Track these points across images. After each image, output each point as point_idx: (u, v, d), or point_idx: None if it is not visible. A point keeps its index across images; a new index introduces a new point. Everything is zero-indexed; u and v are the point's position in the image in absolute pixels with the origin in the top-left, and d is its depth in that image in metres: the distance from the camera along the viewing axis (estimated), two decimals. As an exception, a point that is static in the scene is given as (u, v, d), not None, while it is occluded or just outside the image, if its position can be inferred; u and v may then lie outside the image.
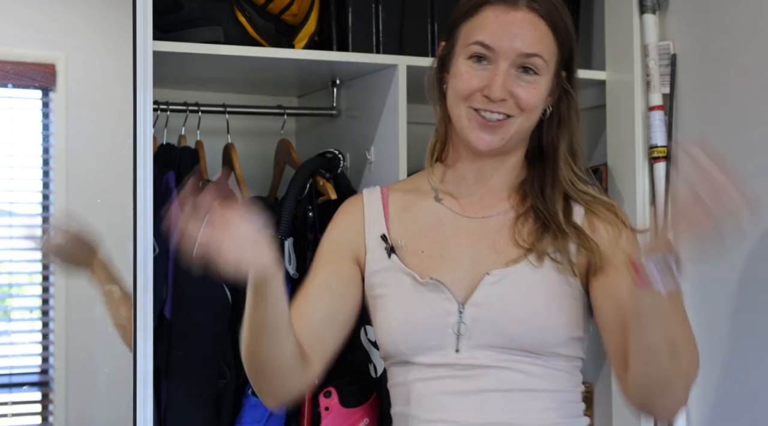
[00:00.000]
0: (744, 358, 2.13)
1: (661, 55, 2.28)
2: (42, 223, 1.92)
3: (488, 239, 1.63)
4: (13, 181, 1.89)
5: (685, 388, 1.54)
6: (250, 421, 1.99)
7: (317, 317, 1.61)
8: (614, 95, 2.37)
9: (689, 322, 1.53)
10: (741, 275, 2.14)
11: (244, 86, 2.45)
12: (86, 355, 1.87)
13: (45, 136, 1.92)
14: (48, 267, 1.92)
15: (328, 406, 2.00)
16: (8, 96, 1.88)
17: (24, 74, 1.87)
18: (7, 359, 1.90)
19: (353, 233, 1.67)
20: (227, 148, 2.27)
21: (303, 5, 2.21)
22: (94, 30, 1.91)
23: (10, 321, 1.93)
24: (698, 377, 2.17)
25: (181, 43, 1.99)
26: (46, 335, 1.93)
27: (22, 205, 1.93)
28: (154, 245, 1.92)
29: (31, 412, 1.94)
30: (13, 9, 1.85)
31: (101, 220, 1.90)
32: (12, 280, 1.93)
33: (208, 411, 1.95)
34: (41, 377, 1.93)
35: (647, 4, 2.28)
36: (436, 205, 1.67)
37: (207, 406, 1.94)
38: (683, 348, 1.50)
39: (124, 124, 1.87)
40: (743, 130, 2.14)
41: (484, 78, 1.58)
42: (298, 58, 2.13)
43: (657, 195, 2.28)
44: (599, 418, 2.47)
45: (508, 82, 1.57)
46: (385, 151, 2.17)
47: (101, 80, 1.92)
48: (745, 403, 2.12)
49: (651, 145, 2.28)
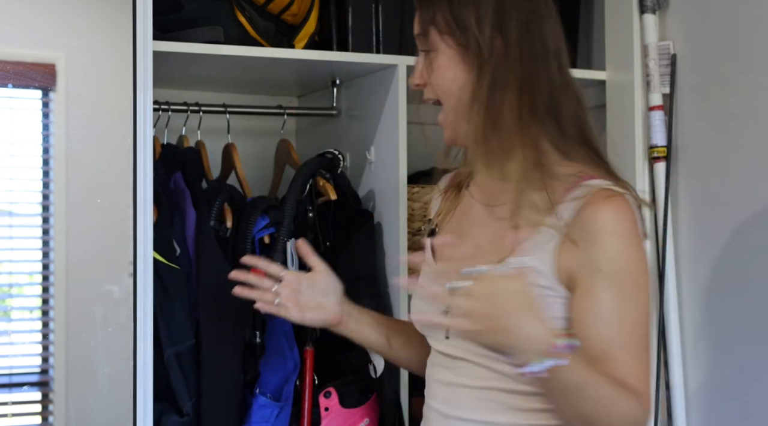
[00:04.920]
0: (744, 357, 2.13)
1: (661, 55, 2.28)
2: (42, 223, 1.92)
3: (492, 229, 1.59)
4: (13, 181, 1.89)
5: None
6: (258, 420, 1.99)
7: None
8: (614, 95, 2.37)
9: (606, 393, 1.39)
10: (741, 275, 2.14)
11: (244, 86, 2.45)
12: (86, 355, 1.87)
13: (45, 136, 1.92)
14: (48, 267, 1.92)
15: (327, 407, 2.00)
16: (8, 96, 1.88)
17: (24, 74, 1.87)
18: (7, 359, 1.90)
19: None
20: (227, 148, 2.27)
21: (303, 5, 2.21)
22: (94, 30, 1.91)
23: (10, 321, 1.93)
24: (697, 376, 2.18)
25: (181, 43, 1.99)
26: (46, 335, 1.93)
27: (22, 205, 1.93)
28: (175, 246, 1.93)
29: (31, 412, 1.94)
30: (13, 9, 1.85)
31: (101, 220, 1.90)
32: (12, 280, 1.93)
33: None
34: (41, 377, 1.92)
35: (647, 4, 2.28)
36: (464, 191, 1.68)
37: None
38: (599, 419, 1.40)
39: (124, 124, 1.87)
40: (743, 130, 2.14)
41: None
42: (298, 58, 2.13)
43: (657, 195, 2.28)
44: (599, 418, 2.47)
45: (421, 67, 1.58)
46: (385, 151, 2.17)
47: (101, 80, 1.92)
48: (745, 403, 2.12)
49: (651, 145, 2.28)
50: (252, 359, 2.02)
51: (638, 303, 1.47)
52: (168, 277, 1.92)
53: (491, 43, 1.52)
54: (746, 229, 2.13)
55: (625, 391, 1.40)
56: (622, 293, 1.45)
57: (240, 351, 1.97)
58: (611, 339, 1.44)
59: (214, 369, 1.94)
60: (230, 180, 2.24)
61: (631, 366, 1.43)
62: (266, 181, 2.39)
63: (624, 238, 1.47)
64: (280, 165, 2.35)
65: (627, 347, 1.44)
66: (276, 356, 2.04)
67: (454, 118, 1.58)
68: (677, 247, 2.27)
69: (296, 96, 2.61)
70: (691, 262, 2.25)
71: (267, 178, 2.39)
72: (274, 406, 2.00)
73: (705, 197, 2.22)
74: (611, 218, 1.47)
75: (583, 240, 1.47)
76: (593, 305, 1.45)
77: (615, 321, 1.44)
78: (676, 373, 2.24)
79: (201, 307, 1.96)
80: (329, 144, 2.28)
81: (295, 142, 2.46)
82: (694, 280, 2.25)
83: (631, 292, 1.46)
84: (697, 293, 2.24)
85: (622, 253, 1.47)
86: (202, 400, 1.93)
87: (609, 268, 1.46)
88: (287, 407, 2.04)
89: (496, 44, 1.52)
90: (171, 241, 1.96)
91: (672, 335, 2.25)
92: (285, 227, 2.04)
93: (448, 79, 1.56)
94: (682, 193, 2.26)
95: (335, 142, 2.30)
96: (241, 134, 2.37)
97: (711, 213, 2.20)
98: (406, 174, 2.12)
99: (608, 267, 1.46)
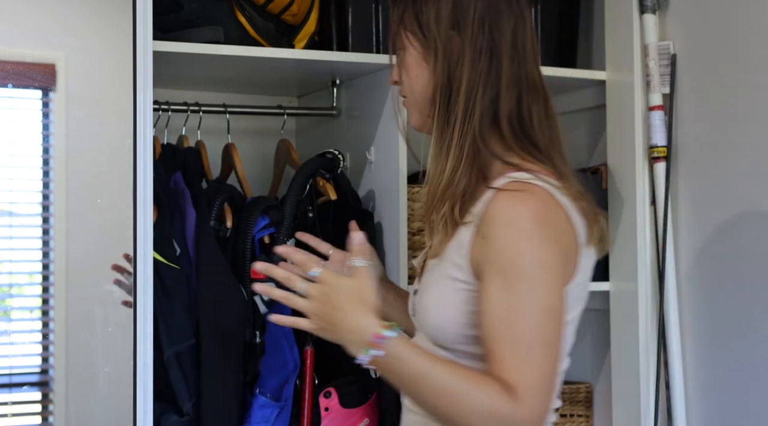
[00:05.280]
0: (744, 357, 2.13)
1: (661, 55, 2.28)
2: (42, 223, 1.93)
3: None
4: (13, 181, 1.89)
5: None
6: (258, 420, 1.99)
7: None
8: (614, 95, 2.37)
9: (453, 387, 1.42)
10: (741, 275, 2.14)
11: (244, 86, 2.45)
12: (86, 355, 1.87)
13: (45, 136, 1.92)
14: (48, 267, 1.92)
15: (327, 407, 2.00)
16: (8, 96, 1.88)
17: (24, 74, 1.87)
18: (7, 359, 1.90)
19: None
20: (227, 148, 2.27)
21: (303, 5, 2.21)
22: (94, 30, 1.91)
23: (10, 321, 1.93)
24: (697, 376, 2.18)
25: (181, 43, 1.98)
26: (46, 335, 1.93)
27: (22, 205, 1.93)
28: (175, 246, 1.94)
29: (31, 412, 1.94)
30: (13, 9, 1.85)
31: (101, 220, 1.90)
32: (12, 280, 1.93)
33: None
34: (41, 377, 1.93)
35: (647, 4, 2.28)
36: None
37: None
38: (445, 410, 1.42)
39: (124, 124, 1.87)
40: (743, 130, 2.14)
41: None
42: (298, 58, 2.13)
43: (657, 195, 2.28)
44: (599, 418, 2.47)
45: (396, 65, 1.65)
46: (385, 151, 2.16)
47: (101, 80, 1.92)
48: (745, 403, 2.12)
49: (651, 145, 2.28)
50: (252, 359, 2.02)
51: (527, 296, 1.43)
52: (168, 277, 1.93)
53: (448, 41, 1.56)
54: (746, 229, 2.13)
55: (487, 385, 1.39)
56: (509, 285, 1.43)
57: (240, 351, 1.97)
58: (492, 331, 1.43)
59: (214, 369, 1.94)
60: (230, 180, 2.24)
61: (509, 360, 1.40)
62: (266, 181, 2.38)
63: (515, 229, 1.45)
64: (280, 165, 2.35)
65: (507, 341, 1.41)
66: (276, 356, 2.04)
67: (419, 116, 1.62)
68: (677, 247, 2.27)
69: (296, 96, 2.60)
70: (691, 262, 2.25)
71: (267, 178, 2.39)
72: (274, 406, 2.00)
73: (705, 197, 2.22)
74: (505, 210, 1.46)
75: (485, 232, 1.47)
76: (484, 298, 1.46)
77: (497, 313, 1.43)
78: (676, 373, 2.24)
79: (201, 307, 1.96)
80: (329, 144, 2.28)
81: (295, 142, 2.46)
82: (694, 280, 2.24)
83: (520, 285, 1.43)
84: (697, 293, 2.24)
85: (511, 244, 1.44)
86: (202, 400, 1.93)
87: (497, 260, 1.45)
88: (287, 407, 2.04)
89: (453, 43, 1.56)
90: (171, 241, 1.96)
91: (672, 335, 2.25)
92: (285, 227, 2.04)
93: (413, 77, 1.61)
94: (682, 193, 2.26)
95: (335, 142, 2.30)
96: (241, 134, 2.37)
97: (711, 213, 2.20)
98: (406, 174, 2.12)
99: (496, 259, 1.45)
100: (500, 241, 1.45)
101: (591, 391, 2.49)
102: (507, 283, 1.43)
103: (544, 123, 1.58)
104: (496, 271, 1.44)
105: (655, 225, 2.29)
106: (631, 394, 2.28)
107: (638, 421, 2.26)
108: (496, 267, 1.45)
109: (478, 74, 1.54)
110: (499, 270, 1.44)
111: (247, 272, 1.98)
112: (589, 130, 2.55)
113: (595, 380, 2.50)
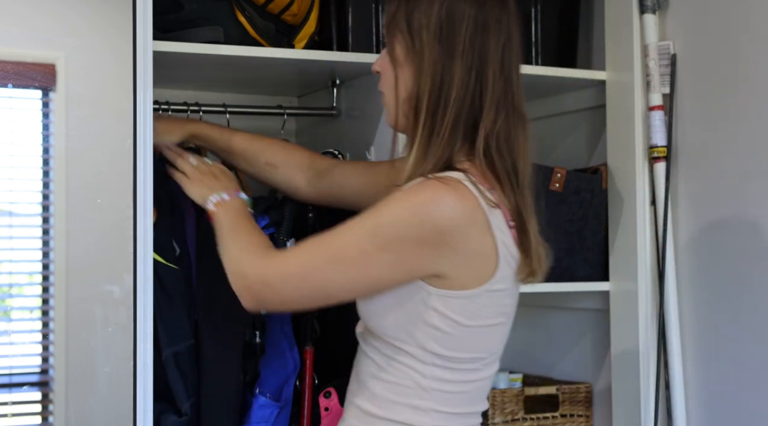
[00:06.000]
0: (744, 357, 2.13)
1: (661, 55, 2.28)
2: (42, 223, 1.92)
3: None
4: (13, 181, 1.89)
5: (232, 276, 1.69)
6: (258, 420, 1.99)
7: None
8: (614, 95, 2.37)
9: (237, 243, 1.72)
10: (741, 275, 2.14)
11: (244, 86, 2.46)
12: (86, 355, 1.87)
13: (45, 136, 1.92)
14: (48, 267, 1.92)
15: (327, 407, 2.00)
16: (8, 96, 1.87)
17: (24, 74, 1.87)
18: (7, 359, 1.90)
19: None
20: (227, 148, 2.26)
21: (303, 5, 2.21)
22: (94, 30, 1.91)
23: (10, 321, 1.93)
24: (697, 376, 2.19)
25: (181, 43, 1.99)
26: (46, 335, 1.93)
27: (22, 205, 1.93)
28: (174, 247, 1.94)
29: (31, 412, 1.94)
30: (13, 9, 1.85)
31: (101, 220, 1.90)
32: (12, 280, 1.93)
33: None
34: (41, 377, 1.92)
35: (647, 4, 2.28)
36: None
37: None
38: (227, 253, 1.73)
39: (124, 124, 1.87)
40: (743, 130, 2.14)
41: None
42: (298, 58, 2.13)
43: (657, 195, 2.28)
44: (599, 418, 2.47)
45: (381, 57, 1.69)
46: (385, 151, 2.16)
47: (101, 80, 1.92)
48: (745, 403, 2.12)
49: (651, 145, 2.28)
50: (252, 359, 2.02)
51: (347, 234, 1.56)
52: (167, 277, 1.93)
53: (436, 53, 1.58)
54: (746, 229, 2.13)
55: (253, 259, 1.65)
56: (349, 224, 1.57)
57: (240, 351, 1.97)
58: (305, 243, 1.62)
59: (214, 369, 1.94)
60: (230, 180, 2.24)
61: (284, 256, 1.67)
62: (266, 182, 2.38)
63: (392, 200, 1.55)
64: (280, 165, 2.34)
65: (306, 245, 1.61)
66: (276, 356, 2.04)
67: (394, 114, 1.65)
68: (677, 247, 2.27)
69: (296, 96, 2.61)
70: (691, 262, 2.25)
71: (267, 178, 2.39)
72: (274, 406, 2.00)
73: (705, 197, 2.22)
74: (399, 192, 1.56)
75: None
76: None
77: (322, 235, 1.60)
78: (676, 373, 2.24)
79: (201, 307, 1.96)
80: (329, 144, 2.28)
81: (295, 142, 2.46)
82: (694, 280, 2.25)
83: (355, 223, 1.56)
84: (697, 293, 2.24)
85: (381, 205, 1.55)
86: (203, 400, 1.93)
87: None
88: (287, 408, 2.04)
89: (441, 56, 1.58)
90: (171, 242, 1.96)
91: (672, 335, 2.25)
92: (285, 227, 2.04)
93: (394, 75, 1.63)
94: (682, 193, 2.26)
95: (335, 142, 2.30)
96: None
97: (711, 213, 2.20)
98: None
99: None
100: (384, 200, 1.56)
101: (591, 391, 2.49)
102: (351, 222, 1.57)
103: (522, 145, 1.62)
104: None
105: (655, 225, 2.29)
106: (631, 394, 2.28)
107: (638, 421, 2.26)
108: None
109: (465, 91, 1.58)
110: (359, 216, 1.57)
111: None
112: (589, 130, 2.55)
113: (595, 380, 2.50)
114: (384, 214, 1.54)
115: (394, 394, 1.61)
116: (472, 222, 1.53)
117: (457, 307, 1.56)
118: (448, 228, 1.52)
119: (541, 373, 2.65)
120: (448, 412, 1.61)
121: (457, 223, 1.52)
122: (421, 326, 1.57)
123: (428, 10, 1.58)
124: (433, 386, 1.59)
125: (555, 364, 2.64)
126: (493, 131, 1.58)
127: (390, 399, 1.61)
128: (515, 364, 2.72)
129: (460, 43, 1.57)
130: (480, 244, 1.55)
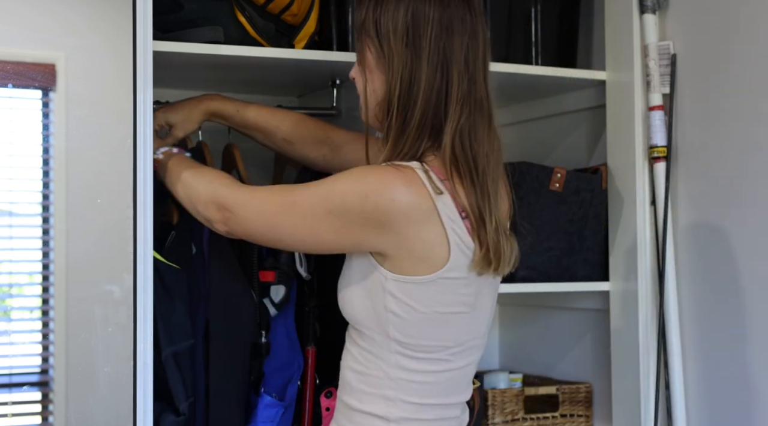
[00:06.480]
0: (744, 357, 2.13)
1: (661, 55, 2.28)
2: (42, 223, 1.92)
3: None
4: (13, 181, 1.89)
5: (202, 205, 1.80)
6: (264, 420, 1.99)
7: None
8: (614, 95, 2.37)
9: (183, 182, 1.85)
10: (741, 275, 2.14)
11: (244, 86, 2.45)
12: (86, 355, 1.87)
13: (45, 136, 1.92)
14: (48, 267, 1.92)
15: (329, 407, 2.00)
16: (8, 96, 1.87)
17: (24, 74, 1.87)
18: (7, 359, 1.90)
19: None
20: (229, 147, 2.26)
21: (303, 5, 2.21)
22: (94, 30, 1.91)
23: (10, 321, 1.93)
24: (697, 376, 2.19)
25: (181, 43, 1.99)
26: (46, 335, 1.93)
27: (22, 205, 1.92)
28: (192, 246, 1.96)
29: (31, 412, 1.94)
30: (13, 9, 1.85)
31: (101, 220, 1.90)
32: (12, 280, 1.93)
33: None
34: (41, 377, 1.92)
35: (647, 4, 2.29)
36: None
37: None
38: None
39: (124, 124, 1.87)
40: (743, 130, 2.14)
41: None
42: (298, 58, 2.13)
43: (657, 195, 2.28)
44: (599, 418, 2.47)
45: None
46: (385, 151, 2.16)
47: (101, 80, 1.92)
48: (745, 403, 2.12)
49: (651, 145, 2.28)
50: (257, 359, 2.02)
51: (308, 190, 1.67)
52: (168, 276, 1.93)
53: (404, 56, 1.64)
54: (746, 229, 2.13)
55: (222, 188, 1.76)
56: (310, 183, 1.69)
57: (248, 351, 1.98)
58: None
59: (222, 370, 1.94)
60: (230, 180, 2.24)
61: (251, 189, 1.76)
62: (267, 182, 2.38)
63: (350, 172, 1.65)
64: (281, 165, 2.35)
65: (267, 188, 1.76)
66: (279, 356, 2.04)
67: (369, 115, 1.71)
68: (677, 247, 2.27)
69: (296, 96, 2.60)
70: (691, 262, 2.25)
71: (268, 179, 2.39)
72: (279, 406, 2.00)
73: (705, 197, 2.22)
74: (358, 168, 1.67)
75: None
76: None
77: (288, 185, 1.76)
78: (676, 373, 2.24)
79: (211, 307, 1.96)
80: (329, 144, 2.27)
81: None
82: (694, 280, 2.25)
83: (314, 184, 1.67)
84: (697, 293, 2.24)
85: (340, 174, 1.66)
86: (210, 400, 1.93)
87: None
88: (291, 407, 2.04)
89: (408, 58, 1.64)
90: (189, 241, 1.98)
91: (672, 335, 2.25)
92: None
93: (360, 79, 1.71)
94: (682, 193, 2.27)
95: (335, 142, 2.30)
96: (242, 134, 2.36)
97: (711, 213, 2.20)
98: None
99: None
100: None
101: (591, 391, 2.50)
102: (310, 183, 1.69)
103: (485, 141, 1.66)
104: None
105: (655, 225, 2.29)
106: (631, 394, 2.28)
107: (638, 421, 2.26)
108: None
109: (431, 91, 1.64)
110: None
111: (255, 273, 1.99)
112: (589, 130, 2.55)
113: (595, 380, 2.50)
114: (339, 182, 1.63)
115: (367, 386, 1.66)
116: (416, 207, 1.59)
117: (411, 292, 1.61)
118: (390, 210, 1.58)
119: (541, 373, 2.65)
120: (416, 403, 1.65)
121: (398, 206, 1.58)
122: (382, 312, 1.63)
123: (395, 15, 1.65)
124: (400, 376, 1.64)
125: (555, 364, 2.64)
126: (458, 127, 1.64)
127: (363, 390, 1.67)
128: (515, 364, 2.72)
129: (425, 46, 1.63)
130: (424, 230, 1.60)
